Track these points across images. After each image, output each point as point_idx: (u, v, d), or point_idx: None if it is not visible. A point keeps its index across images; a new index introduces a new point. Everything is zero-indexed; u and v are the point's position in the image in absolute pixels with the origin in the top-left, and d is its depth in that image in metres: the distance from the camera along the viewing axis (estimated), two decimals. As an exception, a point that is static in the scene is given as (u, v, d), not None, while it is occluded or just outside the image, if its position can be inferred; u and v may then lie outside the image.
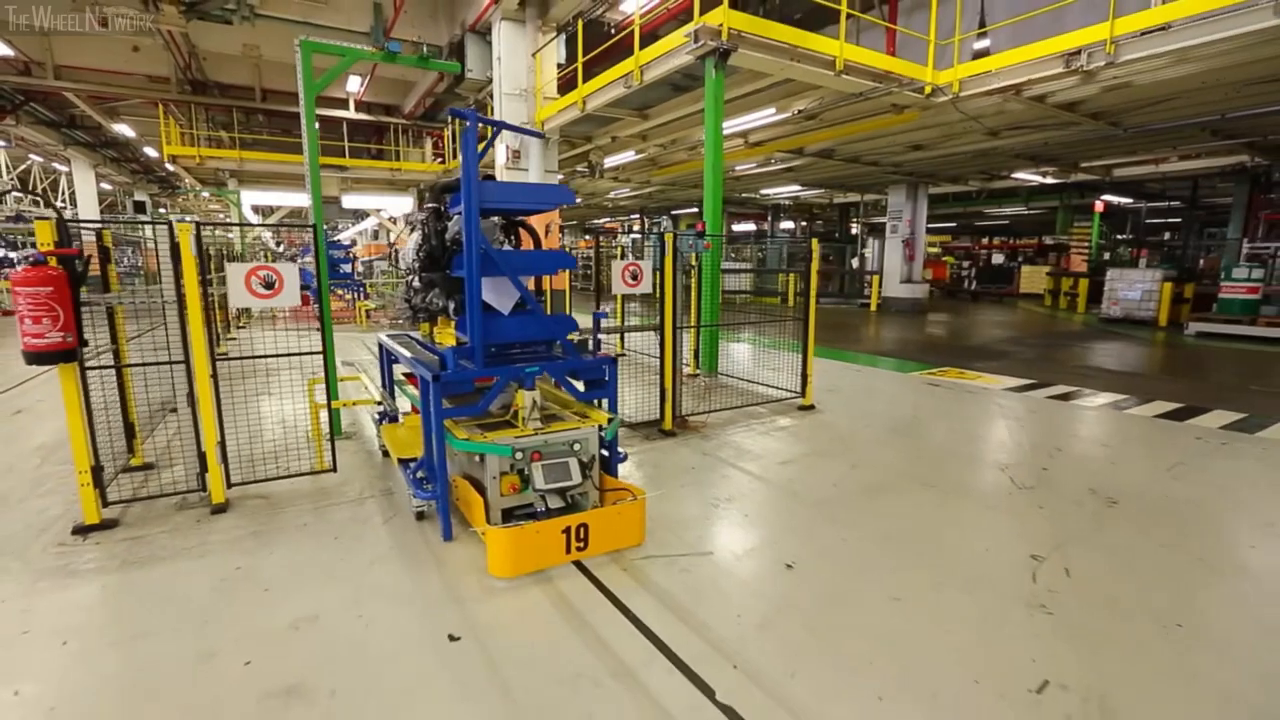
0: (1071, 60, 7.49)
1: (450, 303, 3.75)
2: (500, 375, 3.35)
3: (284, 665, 2.39)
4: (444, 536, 3.37)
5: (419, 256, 3.79)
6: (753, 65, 7.34)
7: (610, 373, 3.70)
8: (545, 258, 3.94)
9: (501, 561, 3.01)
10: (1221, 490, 4.31)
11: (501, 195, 3.43)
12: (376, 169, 18.17)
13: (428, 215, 3.74)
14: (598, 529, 3.20)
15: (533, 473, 3.22)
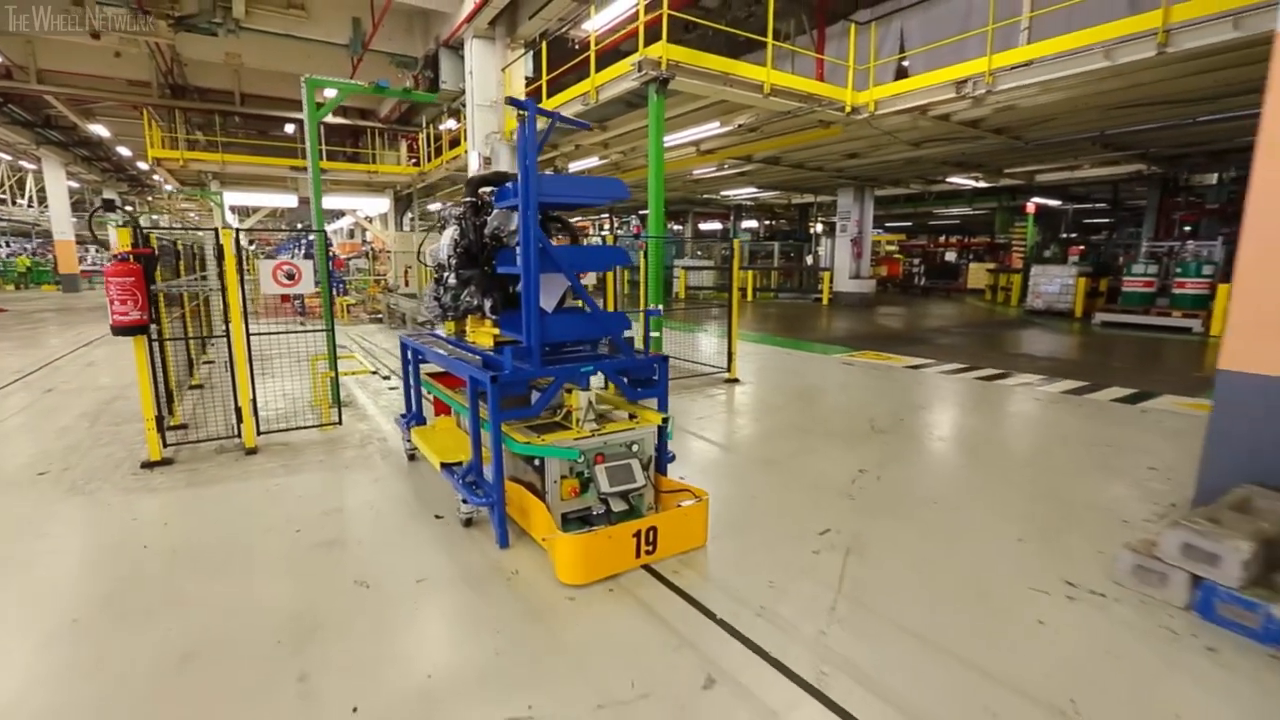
0: (961, 87, 8.86)
1: (487, 300, 3.63)
2: (557, 375, 3.21)
3: (322, 532, 3.52)
4: (500, 543, 3.24)
5: (455, 253, 3.65)
6: (690, 90, 8.54)
7: (661, 371, 3.58)
8: (601, 254, 3.86)
9: (573, 567, 2.90)
10: (1028, 434, 5.64)
11: (559, 189, 3.30)
12: (354, 171, 19.00)
13: (465, 210, 3.64)
14: (666, 532, 3.12)
15: (596, 476, 3.10)
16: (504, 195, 3.39)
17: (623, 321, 3.55)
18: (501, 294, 3.60)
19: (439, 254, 3.91)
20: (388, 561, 3.20)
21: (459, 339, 4.22)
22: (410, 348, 4.45)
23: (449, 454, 3.80)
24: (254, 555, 3.30)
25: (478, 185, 3.71)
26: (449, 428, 4.40)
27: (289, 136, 20.16)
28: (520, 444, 3.10)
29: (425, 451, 4.03)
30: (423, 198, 21.98)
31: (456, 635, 2.66)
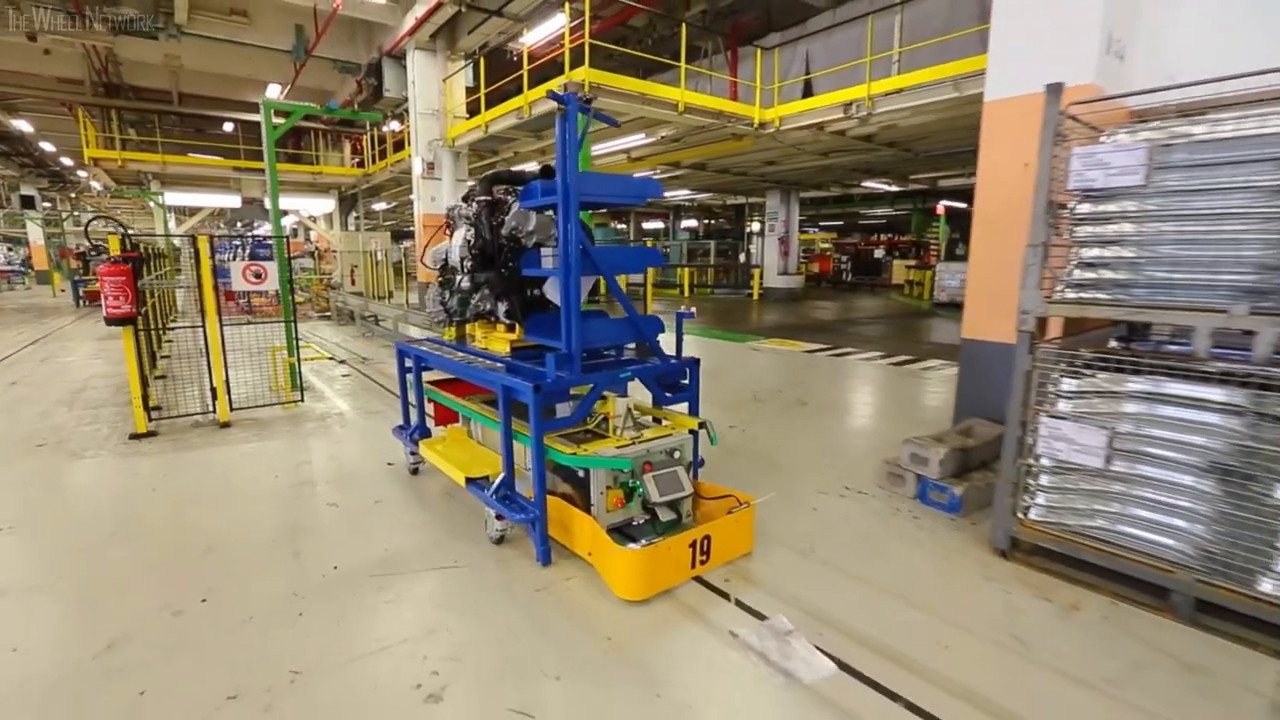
0: (848, 109, 10.24)
1: (501, 304, 3.52)
2: (598, 382, 3.13)
3: (298, 476, 4.46)
4: (541, 561, 3.11)
5: (470, 255, 3.50)
6: (612, 109, 9.62)
7: (692, 375, 3.57)
8: (639, 254, 3.73)
9: (632, 582, 2.80)
10: (873, 396, 7.00)
11: (598, 188, 3.19)
12: (298, 172, 19.29)
13: (480, 209, 3.47)
14: (719, 540, 3.07)
15: (646, 485, 3.02)
16: (530, 194, 3.20)
17: (657, 325, 3.43)
18: (520, 298, 3.49)
19: (449, 256, 3.75)
20: (351, 492, 4.17)
21: (463, 345, 4.07)
22: (412, 355, 4.18)
23: (472, 468, 3.52)
24: (244, 492, 4.22)
25: (493, 183, 3.58)
26: (460, 439, 4.14)
27: (228, 135, 20.24)
28: (567, 455, 2.96)
29: (442, 466, 3.72)
30: (367, 198, 22.37)
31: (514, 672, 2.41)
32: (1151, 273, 2.75)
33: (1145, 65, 4.26)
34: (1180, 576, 2.66)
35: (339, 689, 2.32)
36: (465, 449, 3.96)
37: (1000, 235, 4.40)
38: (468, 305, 3.70)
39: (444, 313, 3.97)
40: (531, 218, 3.35)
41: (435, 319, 4.08)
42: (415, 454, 4.30)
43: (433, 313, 4.06)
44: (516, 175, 3.63)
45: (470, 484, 3.43)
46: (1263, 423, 2.46)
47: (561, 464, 3.08)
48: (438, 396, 4.23)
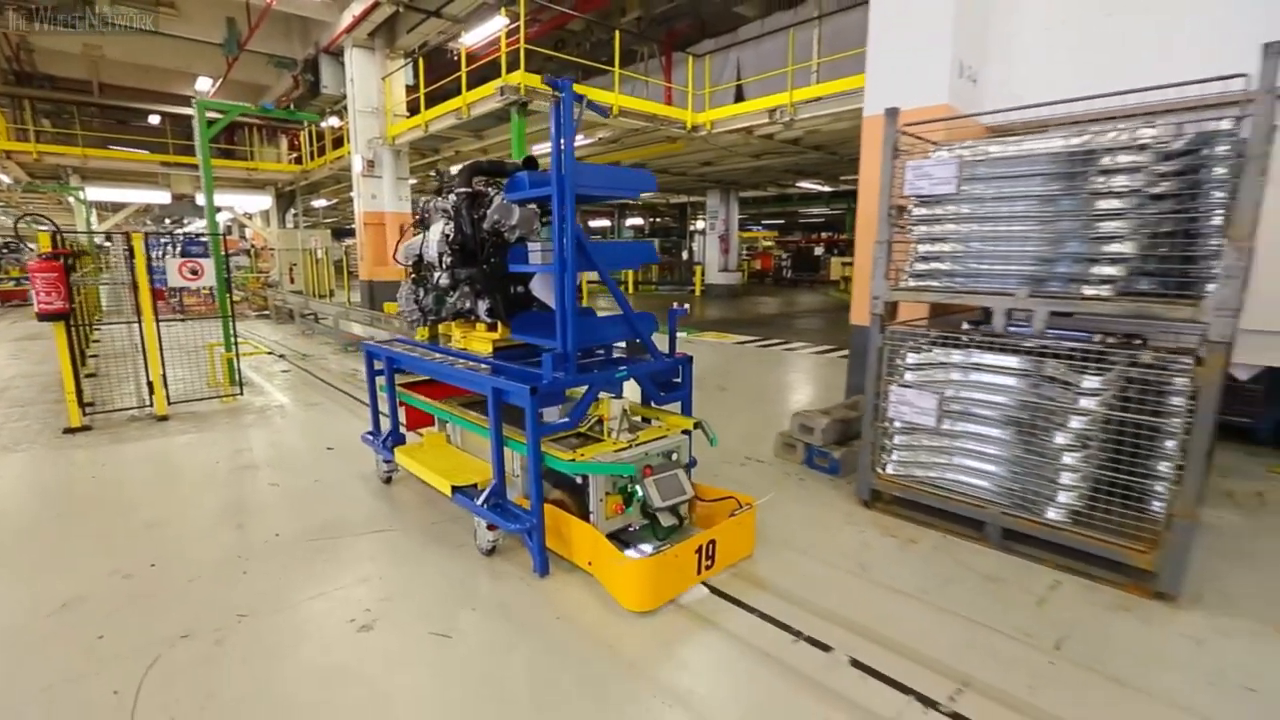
0: (773, 114, 10.90)
1: (482, 302, 3.40)
2: (594, 383, 3.02)
3: (239, 462, 4.69)
4: (540, 571, 2.99)
5: (449, 250, 3.35)
6: (547, 111, 9.98)
7: (685, 373, 3.49)
8: (634, 250, 3.65)
9: (640, 593, 2.70)
10: (786, 379, 7.65)
11: (593, 179, 3.06)
12: (232, 168, 18.81)
13: (461, 202, 3.29)
14: (723, 544, 3.00)
15: (647, 490, 2.91)
16: (517, 186, 3.08)
17: (651, 322, 3.33)
18: (504, 295, 3.37)
19: (425, 252, 3.59)
20: (292, 474, 4.45)
21: (437, 345, 3.91)
22: (383, 357, 3.97)
23: (457, 475, 3.37)
24: (185, 477, 4.44)
25: (473, 175, 3.40)
26: (438, 445, 3.96)
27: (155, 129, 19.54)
28: (566, 462, 2.86)
29: (423, 475, 3.52)
30: (306, 195, 21.96)
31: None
32: (968, 264, 3.36)
33: (996, 88, 4.97)
34: (990, 511, 3.28)
35: (283, 624, 2.67)
36: (446, 455, 3.78)
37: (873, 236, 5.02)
38: (444, 303, 3.56)
39: (418, 312, 3.78)
40: (514, 211, 3.24)
41: (409, 318, 3.87)
42: (390, 462, 4.07)
43: (405, 312, 3.87)
44: (497, 166, 3.47)
45: (457, 493, 3.25)
46: (1042, 383, 3.09)
47: (555, 470, 2.94)
48: (413, 400, 3.99)
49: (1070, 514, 3.09)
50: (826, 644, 2.52)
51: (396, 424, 4.09)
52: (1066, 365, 3.04)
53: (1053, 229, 3.09)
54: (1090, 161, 2.94)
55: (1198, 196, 2.83)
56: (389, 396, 4.05)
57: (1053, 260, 3.13)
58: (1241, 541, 3.40)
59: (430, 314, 3.73)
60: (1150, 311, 2.84)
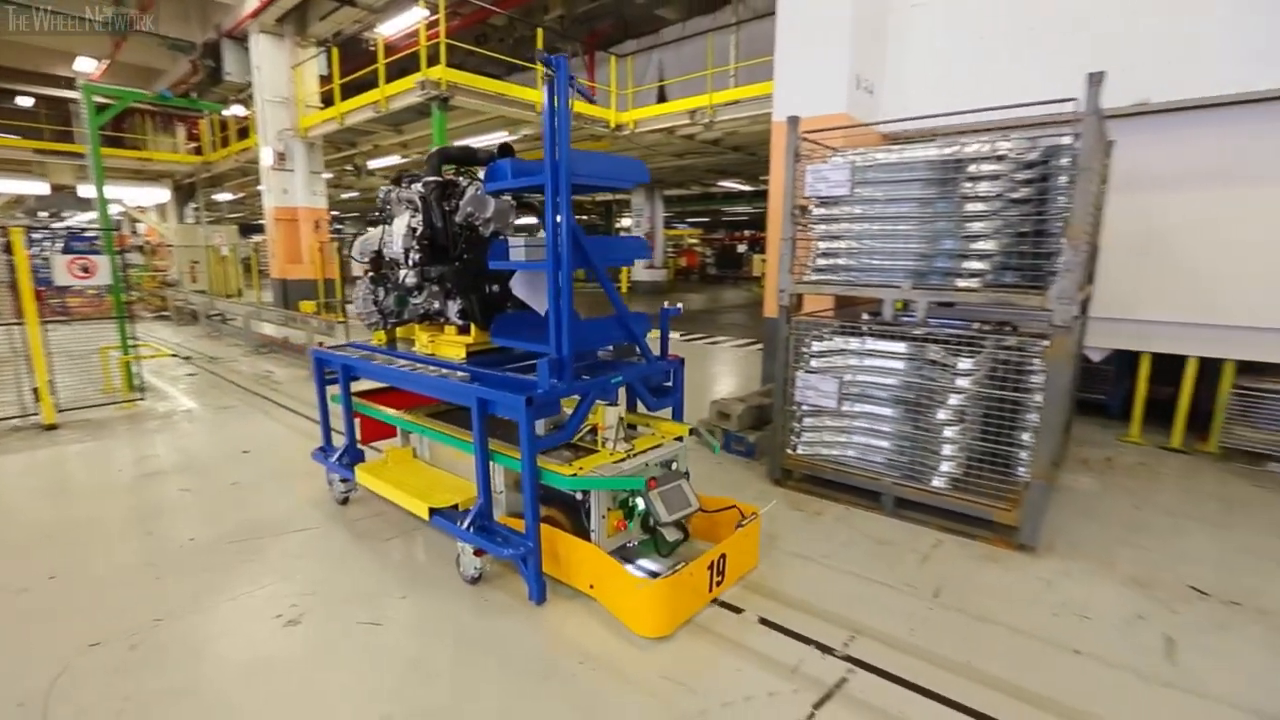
0: (693, 115, 11.25)
1: (455, 303, 3.16)
2: (589, 391, 2.79)
3: (145, 469, 4.47)
4: (536, 599, 2.74)
5: (417, 246, 3.09)
6: (470, 107, 9.90)
7: (677, 377, 3.31)
8: (627, 245, 3.35)
9: (656, 617, 2.51)
10: (710, 372, 8.00)
11: (589, 167, 2.74)
12: (123, 158, 17.37)
13: (430, 192, 3.05)
14: (733, 558, 2.86)
15: (652, 504, 2.68)
16: (497, 175, 2.78)
17: (646, 323, 3.13)
18: (478, 295, 3.14)
19: (387, 247, 3.29)
20: (205, 478, 4.30)
21: (399, 350, 3.59)
22: (336, 365, 3.62)
23: (434, 496, 3.10)
24: (83, 487, 4.20)
25: (442, 161, 3.18)
26: (404, 460, 3.64)
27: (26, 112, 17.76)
28: (567, 478, 2.63)
29: (393, 496, 3.23)
30: (208, 189, 20.57)
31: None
32: (862, 260, 3.70)
33: (890, 99, 5.42)
34: (884, 482, 3.64)
35: (204, 625, 2.64)
36: (415, 473, 3.47)
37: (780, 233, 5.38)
38: (407, 304, 3.32)
39: (377, 314, 3.48)
40: (489, 203, 3.04)
41: (367, 321, 3.57)
42: (348, 481, 3.73)
43: (363, 314, 3.55)
44: (468, 153, 3.25)
45: (436, 516, 2.97)
46: (925, 366, 3.47)
47: (547, 486, 2.71)
48: (373, 412, 3.70)
49: (951, 481, 3.49)
50: (739, 607, 2.76)
51: (354, 439, 3.71)
52: (945, 350, 3.42)
53: (931, 228, 3.46)
54: (960, 169, 3.33)
55: (1047, 201, 3.26)
56: (344, 408, 3.67)
57: (932, 256, 3.51)
58: (1091, 500, 3.93)
59: (391, 316, 3.47)
60: (1011, 301, 3.25)
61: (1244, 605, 2.81)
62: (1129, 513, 3.75)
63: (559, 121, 2.43)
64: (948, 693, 2.23)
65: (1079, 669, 2.37)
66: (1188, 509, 3.82)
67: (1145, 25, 4.37)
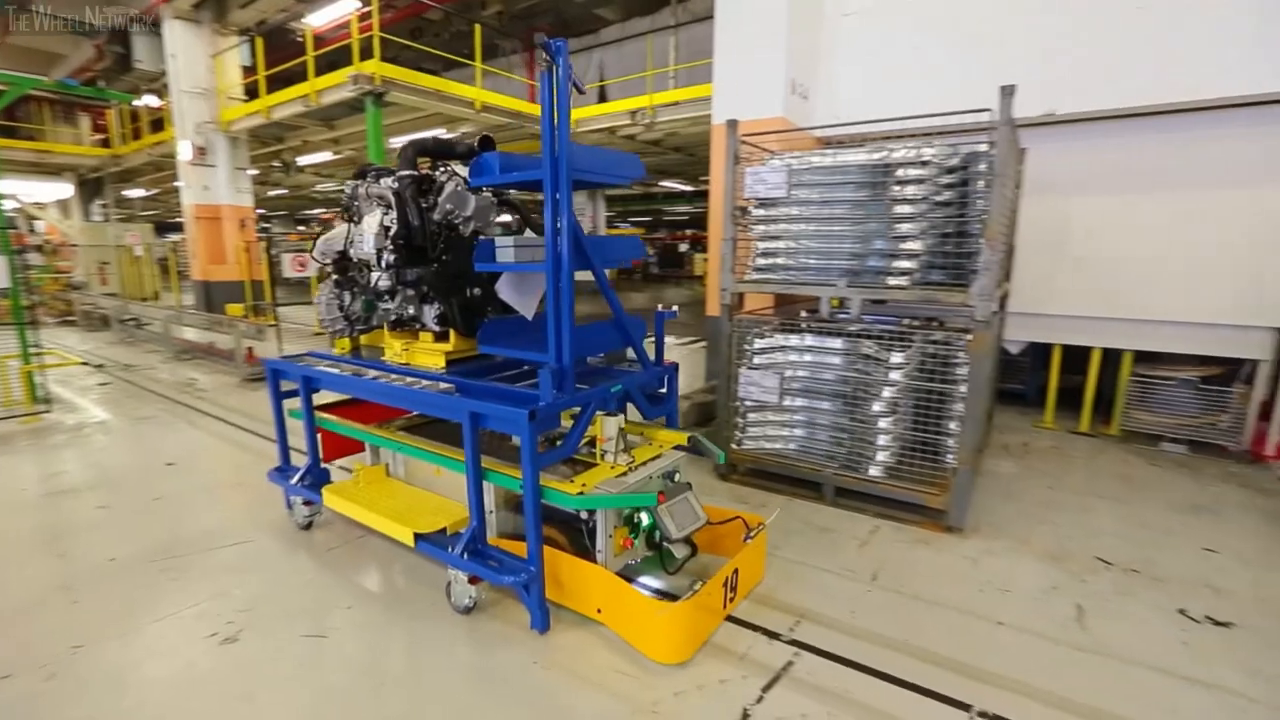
0: (634, 116, 11.32)
1: (432, 308, 2.98)
2: (589, 400, 2.66)
3: (54, 486, 4.16)
4: (540, 628, 2.57)
5: (392, 245, 2.89)
6: (407, 103, 9.64)
7: (671, 383, 3.21)
8: (625, 245, 3.12)
9: (675, 642, 2.40)
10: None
11: (589, 162, 2.61)
12: (18, 149, 15.97)
13: (406, 187, 2.85)
14: (744, 573, 2.78)
15: (662, 520, 2.56)
16: (484, 170, 2.63)
17: (643, 328, 3.02)
18: (459, 299, 2.99)
19: (356, 247, 3.05)
20: (124, 494, 4.03)
21: (368, 360, 3.33)
22: (297, 376, 3.32)
23: (418, 520, 2.84)
24: None
25: (417, 154, 2.97)
26: (377, 479, 3.35)
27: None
28: (574, 497, 2.45)
29: (367, 520, 2.98)
30: (118, 184, 19.18)
31: None
32: (800, 259, 3.85)
33: (825, 104, 5.63)
34: (825, 473, 3.79)
35: (129, 649, 2.49)
36: (391, 493, 3.20)
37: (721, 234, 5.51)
38: (376, 310, 3.16)
39: (343, 320, 3.26)
40: (470, 200, 2.92)
41: (331, 328, 3.33)
42: (312, 505, 3.46)
43: (327, 320, 3.30)
44: (445, 146, 3.05)
45: (423, 542, 2.72)
46: (860, 360, 3.63)
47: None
48: (339, 427, 3.42)
49: (886, 470, 3.67)
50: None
51: (317, 458, 3.42)
52: (878, 345, 3.60)
53: (863, 229, 3.64)
54: (889, 173, 3.51)
55: (968, 204, 3.48)
56: (306, 424, 3.39)
57: (865, 256, 3.69)
58: (1011, 483, 4.22)
59: (359, 323, 3.26)
60: (937, 298, 3.45)
61: (1142, 573, 3.09)
62: (1044, 493, 4.05)
63: (559, 112, 2.29)
64: (888, 669, 2.36)
65: (1002, 639, 2.56)
66: (1094, 487, 4.16)
67: (1053, 43, 4.71)
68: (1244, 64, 4.12)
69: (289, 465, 3.62)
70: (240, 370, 7.46)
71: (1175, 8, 4.31)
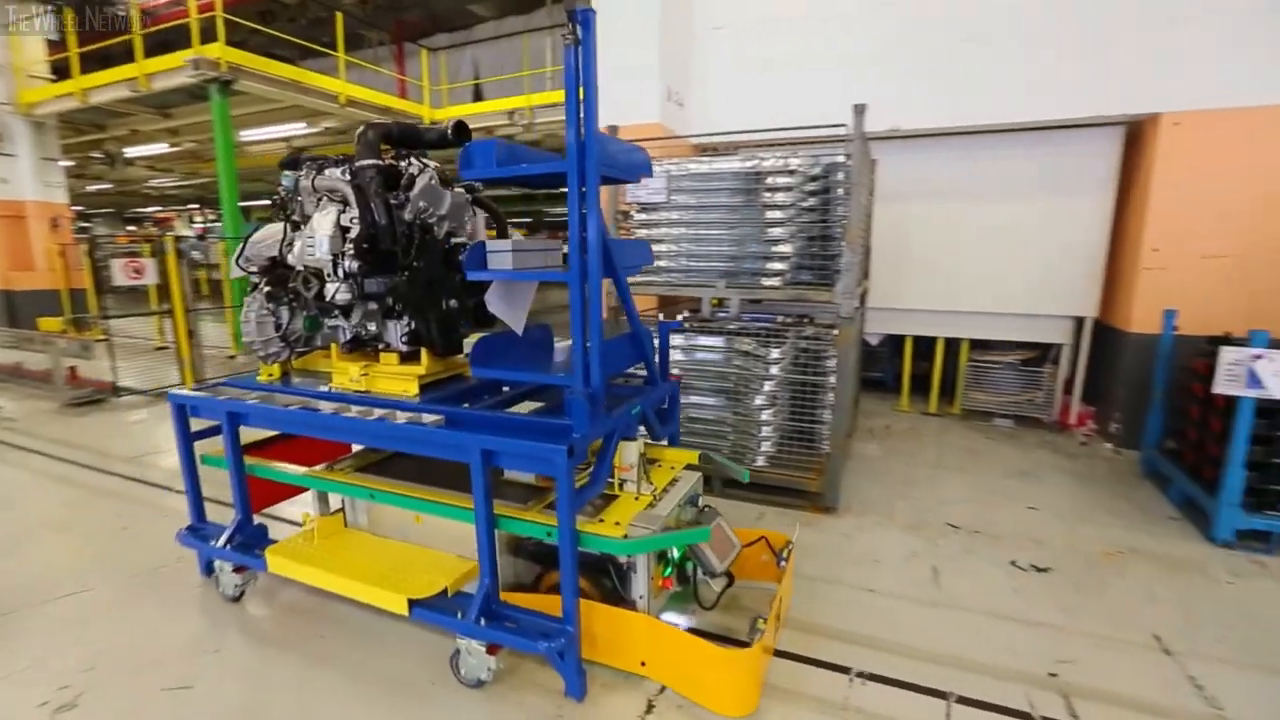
0: (511, 116, 11.14)
1: (399, 324, 2.57)
2: (615, 428, 2.36)
3: None
4: (576, 694, 2.23)
5: (356, 250, 2.41)
6: (260, 94, 8.82)
7: (674, 400, 2.98)
8: (639, 249, 2.85)
9: (743, 691, 2.16)
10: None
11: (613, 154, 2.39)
12: None
13: (370, 180, 2.42)
14: (787, 600, 2.60)
15: (703, 554, 2.37)
16: (477, 159, 2.23)
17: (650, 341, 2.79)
18: (436, 312, 2.60)
19: (303, 252, 2.54)
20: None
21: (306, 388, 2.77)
22: (221, 412, 2.73)
23: (405, 580, 2.38)
24: None
25: (382, 140, 2.56)
26: (335, 531, 2.83)
27: None
28: (620, 541, 2.17)
29: (340, 587, 2.46)
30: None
31: None
32: (681, 262, 4.01)
33: (700, 112, 5.88)
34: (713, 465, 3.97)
35: (-73, 734, 2.10)
36: (360, 548, 2.67)
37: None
38: (321, 328, 2.71)
39: (279, 342, 2.75)
40: (445, 196, 2.57)
41: (264, 351, 2.76)
42: (246, 571, 2.87)
43: (258, 343, 2.74)
44: (411, 133, 2.65)
45: (419, 609, 2.28)
46: (739, 357, 3.86)
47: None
48: (278, 474, 2.85)
49: (769, 459, 3.92)
50: (589, 599, 2.85)
51: (248, 512, 2.85)
52: (756, 342, 3.83)
53: (739, 233, 3.86)
54: (760, 180, 3.75)
55: (830, 210, 3.81)
56: (233, 472, 2.78)
57: (741, 258, 3.92)
58: (876, 463, 4.66)
59: (299, 344, 2.79)
60: (806, 297, 3.74)
61: (982, 532, 3.55)
62: (903, 470, 4.52)
63: (586, 90, 1.96)
64: (789, 648, 2.53)
65: (876, 605, 2.84)
66: (943, 461, 4.70)
67: (897, 66, 5.24)
68: (1042, 94, 4.83)
69: (204, 523, 3.04)
70: (60, 394, 6.47)
71: (993, 42, 4.95)
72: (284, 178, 2.70)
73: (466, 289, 2.65)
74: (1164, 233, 4.62)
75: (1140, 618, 2.76)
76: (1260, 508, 3.31)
